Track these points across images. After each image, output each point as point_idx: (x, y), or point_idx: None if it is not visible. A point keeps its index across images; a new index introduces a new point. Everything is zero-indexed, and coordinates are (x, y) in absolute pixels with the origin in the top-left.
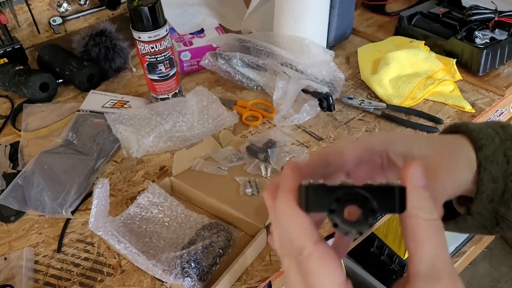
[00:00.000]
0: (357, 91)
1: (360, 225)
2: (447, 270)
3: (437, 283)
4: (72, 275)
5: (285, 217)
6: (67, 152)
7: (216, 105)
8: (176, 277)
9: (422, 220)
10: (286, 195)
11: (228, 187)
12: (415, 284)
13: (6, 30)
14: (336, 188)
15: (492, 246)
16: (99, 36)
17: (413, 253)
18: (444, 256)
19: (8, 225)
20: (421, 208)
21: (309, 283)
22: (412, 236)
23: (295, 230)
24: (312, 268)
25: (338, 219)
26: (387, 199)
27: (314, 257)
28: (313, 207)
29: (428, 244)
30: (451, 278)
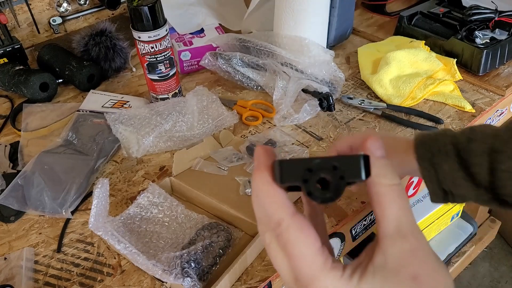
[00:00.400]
0: (357, 91)
1: (331, 191)
2: (411, 229)
3: (403, 241)
4: (72, 275)
5: (262, 193)
6: (67, 152)
7: (216, 105)
8: (176, 277)
9: (385, 186)
10: (261, 172)
11: (228, 187)
12: (383, 244)
13: (6, 30)
14: (308, 160)
15: (492, 246)
16: (99, 36)
17: (380, 217)
18: (407, 217)
19: (8, 225)
20: (383, 175)
21: (289, 252)
22: (377, 202)
23: (272, 205)
24: (291, 238)
25: (312, 187)
26: (353, 167)
27: (292, 227)
28: (288, 178)
29: (393, 207)
30: (415, 236)
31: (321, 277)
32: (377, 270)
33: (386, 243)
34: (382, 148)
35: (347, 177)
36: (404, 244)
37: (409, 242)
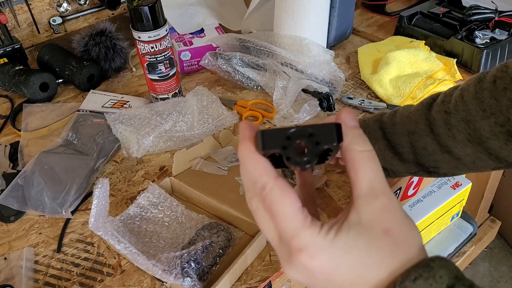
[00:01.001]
0: (357, 91)
1: (308, 156)
2: (382, 189)
3: (375, 199)
4: (72, 275)
5: (247, 161)
6: (67, 152)
7: (216, 105)
8: (176, 277)
9: (357, 152)
10: (244, 142)
11: (228, 187)
12: (357, 203)
13: (6, 30)
14: (286, 129)
15: (492, 246)
16: (99, 36)
17: (354, 180)
18: (378, 178)
19: (8, 225)
20: (355, 142)
21: (273, 212)
22: (351, 167)
23: (256, 170)
24: (274, 199)
25: (290, 152)
26: (327, 134)
27: (275, 189)
28: (269, 146)
29: (365, 170)
30: (386, 195)
31: (300, 233)
32: (351, 226)
33: (359, 202)
34: (355, 119)
35: (321, 143)
36: (376, 202)
37: (381, 200)
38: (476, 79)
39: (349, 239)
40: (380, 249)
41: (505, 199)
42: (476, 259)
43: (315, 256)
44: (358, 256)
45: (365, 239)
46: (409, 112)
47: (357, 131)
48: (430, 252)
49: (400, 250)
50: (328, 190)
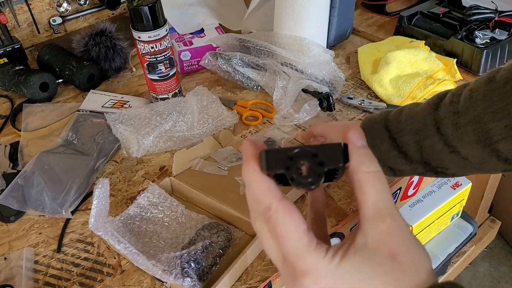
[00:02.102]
0: (357, 91)
1: (311, 177)
2: (389, 211)
3: (381, 222)
4: (72, 275)
5: (251, 181)
6: (67, 152)
7: (216, 105)
8: (176, 277)
9: (364, 173)
10: (249, 163)
11: (228, 187)
12: (364, 226)
13: (6, 30)
14: (290, 149)
15: (492, 246)
16: (99, 36)
17: (360, 202)
18: (385, 200)
19: (8, 225)
20: (362, 163)
21: (277, 233)
22: (358, 188)
23: (260, 191)
24: (278, 220)
25: (294, 173)
26: (332, 154)
27: (279, 210)
28: (273, 166)
29: (371, 191)
30: (392, 217)
31: (305, 256)
32: (357, 250)
33: (366, 225)
34: (362, 139)
35: (326, 163)
36: (382, 225)
37: (387, 223)
38: (486, 79)
39: (354, 264)
40: (385, 275)
41: (505, 199)
42: (476, 259)
43: (319, 280)
44: (363, 282)
45: (371, 264)
46: (415, 111)
47: (364, 150)
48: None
49: (407, 275)
50: (328, 190)
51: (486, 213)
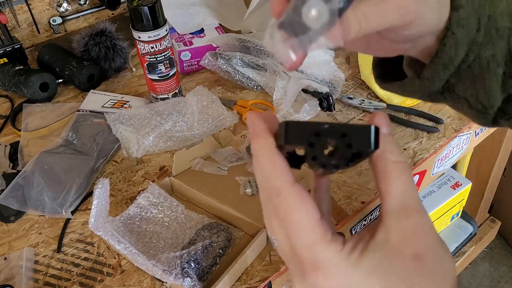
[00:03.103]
0: (357, 91)
1: (337, 159)
2: (415, 206)
3: (407, 218)
4: (72, 275)
5: (263, 158)
6: (67, 152)
7: (216, 105)
8: (176, 277)
9: (390, 162)
10: (263, 138)
11: (228, 187)
12: (387, 220)
13: (6, 30)
14: (316, 124)
15: (492, 245)
16: (99, 36)
17: (384, 193)
18: (412, 194)
19: (8, 225)
20: (389, 151)
21: (287, 222)
22: (382, 177)
23: (271, 172)
24: (290, 207)
25: (318, 151)
26: (362, 137)
27: (291, 196)
28: (293, 140)
29: (397, 183)
30: (420, 213)
31: (318, 249)
32: (378, 246)
33: (389, 219)
34: (389, 126)
35: (354, 146)
36: (407, 221)
37: (413, 219)
38: None
39: (374, 262)
40: (408, 277)
41: (505, 199)
42: (476, 259)
43: (333, 277)
44: (381, 283)
45: (392, 263)
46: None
47: (391, 138)
48: None
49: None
50: None
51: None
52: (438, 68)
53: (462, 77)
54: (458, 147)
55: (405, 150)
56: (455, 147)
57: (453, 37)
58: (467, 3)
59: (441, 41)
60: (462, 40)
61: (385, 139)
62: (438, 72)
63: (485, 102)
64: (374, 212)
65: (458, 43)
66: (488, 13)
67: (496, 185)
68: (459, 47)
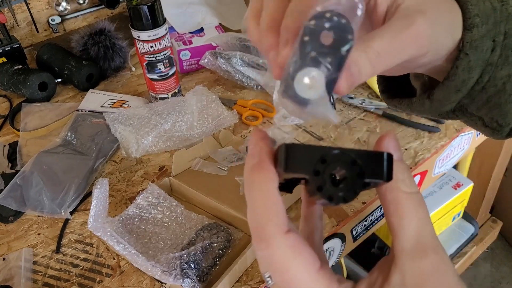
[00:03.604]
0: (358, 91)
1: (346, 190)
2: (432, 243)
3: (423, 257)
4: (71, 276)
5: (258, 198)
6: (66, 152)
7: (216, 104)
8: (176, 278)
9: (403, 194)
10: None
11: (228, 187)
12: (401, 261)
13: (5, 29)
14: (321, 148)
15: (494, 246)
16: (98, 35)
17: (396, 229)
18: (428, 230)
19: (7, 226)
20: (402, 181)
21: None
22: (394, 211)
23: (263, 213)
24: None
25: (324, 182)
26: (375, 165)
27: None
28: (295, 167)
29: (412, 218)
30: (437, 252)
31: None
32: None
33: (403, 259)
34: (399, 150)
35: (366, 175)
36: (425, 261)
37: (430, 259)
38: None
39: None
40: None
41: (506, 199)
42: (478, 259)
43: None
44: None
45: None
46: None
47: (404, 165)
48: None
49: None
50: None
51: (487, 213)
52: (450, 90)
53: (476, 98)
54: (460, 147)
55: (406, 150)
56: (456, 147)
57: (466, 59)
58: (481, 22)
59: (454, 63)
60: (476, 62)
61: (396, 166)
62: (449, 95)
63: (501, 121)
64: (375, 212)
65: (471, 65)
66: (504, 31)
67: (497, 186)
68: (472, 69)
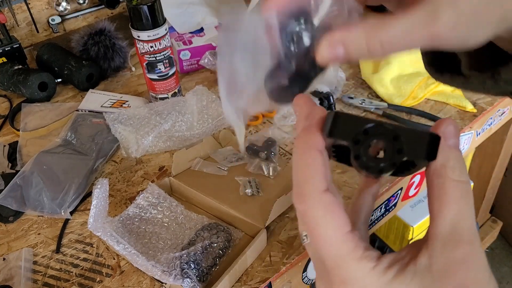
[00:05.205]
0: (358, 91)
1: (383, 162)
2: (469, 235)
3: (456, 246)
4: (71, 276)
5: (300, 159)
6: (66, 152)
7: (216, 104)
8: (176, 278)
9: (451, 181)
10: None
11: (228, 187)
12: (433, 244)
13: (5, 29)
14: (366, 120)
15: (494, 246)
16: (98, 35)
17: (436, 213)
18: (468, 220)
19: (7, 226)
20: (451, 167)
21: (314, 233)
22: (438, 196)
23: (303, 171)
24: (316, 219)
25: (362, 151)
26: (418, 144)
27: (317, 207)
28: (338, 133)
29: (454, 205)
30: (471, 244)
31: (347, 264)
32: (418, 271)
33: (436, 244)
34: (458, 137)
35: (406, 152)
36: (456, 251)
37: (463, 249)
38: None
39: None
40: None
41: (506, 199)
42: None
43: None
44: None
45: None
46: None
47: (458, 154)
48: None
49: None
50: None
51: (487, 213)
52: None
53: None
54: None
55: None
56: None
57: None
58: None
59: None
60: None
61: (449, 152)
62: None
63: None
64: (375, 212)
65: None
66: None
67: (497, 186)
68: None
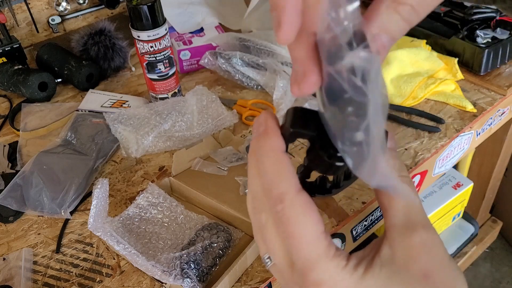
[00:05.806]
0: None
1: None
2: (421, 221)
3: (412, 233)
4: (71, 276)
5: (268, 161)
6: (66, 152)
7: (215, 104)
8: (176, 278)
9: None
10: (270, 137)
11: (228, 187)
12: (391, 236)
13: (5, 29)
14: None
15: (494, 246)
16: (98, 35)
17: (387, 207)
18: (417, 208)
19: (7, 226)
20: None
21: (288, 233)
22: (384, 192)
23: (276, 174)
24: (293, 216)
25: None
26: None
27: (296, 204)
28: (299, 125)
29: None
30: (425, 228)
31: (321, 263)
32: (384, 263)
33: (394, 234)
34: (393, 139)
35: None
36: (413, 236)
37: (419, 234)
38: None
39: (379, 280)
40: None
41: (506, 199)
42: (477, 259)
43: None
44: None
45: (399, 281)
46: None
47: (395, 153)
48: None
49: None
50: None
51: (487, 213)
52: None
53: None
54: (460, 147)
55: (406, 150)
56: (456, 147)
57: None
58: None
59: None
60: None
61: (389, 152)
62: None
63: None
64: (375, 212)
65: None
66: None
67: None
68: None
